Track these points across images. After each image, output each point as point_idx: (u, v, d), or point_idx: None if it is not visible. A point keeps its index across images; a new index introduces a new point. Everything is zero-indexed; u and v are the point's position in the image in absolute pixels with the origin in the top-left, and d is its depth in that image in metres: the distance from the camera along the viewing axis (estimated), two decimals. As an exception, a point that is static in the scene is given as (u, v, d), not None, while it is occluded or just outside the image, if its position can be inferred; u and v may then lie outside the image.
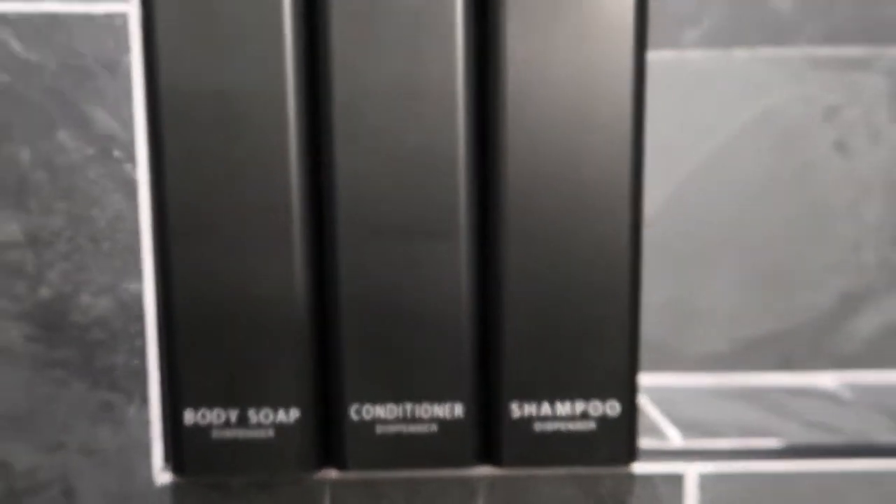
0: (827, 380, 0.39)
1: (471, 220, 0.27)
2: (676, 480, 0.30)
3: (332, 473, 0.30)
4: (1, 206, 0.28)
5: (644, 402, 0.36)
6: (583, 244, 0.27)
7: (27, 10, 0.27)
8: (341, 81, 0.26)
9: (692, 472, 0.30)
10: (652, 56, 0.37)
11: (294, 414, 0.28)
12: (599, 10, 0.26)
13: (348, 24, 0.26)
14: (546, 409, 0.28)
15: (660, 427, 0.33)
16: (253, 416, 0.28)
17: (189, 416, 0.28)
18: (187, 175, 0.27)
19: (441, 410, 0.28)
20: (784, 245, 0.39)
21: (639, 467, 0.30)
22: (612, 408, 0.28)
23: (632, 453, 0.29)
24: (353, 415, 0.28)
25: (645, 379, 0.39)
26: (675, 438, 0.32)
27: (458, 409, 0.28)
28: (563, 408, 0.28)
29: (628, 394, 0.28)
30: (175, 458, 0.28)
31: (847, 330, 0.40)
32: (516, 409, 0.28)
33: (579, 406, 0.28)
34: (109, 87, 0.27)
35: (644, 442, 0.31)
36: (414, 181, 0.27)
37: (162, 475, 0.29)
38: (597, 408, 0.28)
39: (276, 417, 0.28)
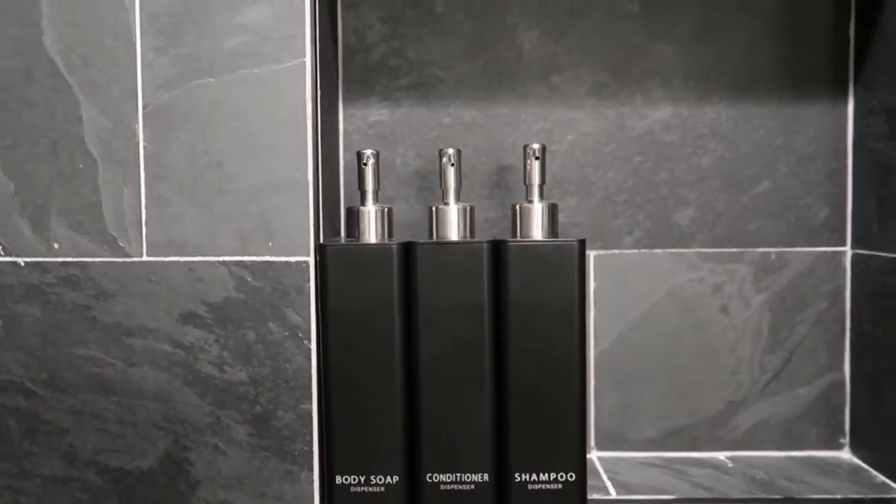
0: (720, 456, 0.62)
1: (491, 376, 0.50)
2: (610, 518, 0.53)
3: (413, 512, 0.52)
4: (234, 363, 0.51)
5: (598, 470, 0.59)
6: (552, 384, 0.50)
7: (256, 259, 0.51)
8: (424, 302, 0.50)
9: (619, 513, 0.53)
10: (604, 253, 0.61)
11: (396, 478, 0.51)
12: (556, 265, 0.50)
13: (427, 271, 0.50)
14: (534, 476, 0.51)
15: (606, 486, 0.55)
16: (373, 479, 0.51)
17: (338, 479, 0.51)
18: (339, 348, 0.51)
19: (476, 477, 0.51)
20: (690, 370, 0.62)
21: (588, 511, 0.52)
22: (571, 476, 0.51)
23: (583, 502, 0.51)
24: (427, 479, 0.51)
25: (602, 455, 0.62)
26: (612, 493, 0.54)
27: (486, 476, 0.51)
28: (543, 476, 0.51)
29: (580, 468, 0.51)
30: (329, 499, 0.51)
31: (731, 424, 0.62)
32: (518, 476, 0.51)
33: (552, 475, 0.51)
34: (297, 300, 0.51)
35: (592, 494, 0.53)
36: (461, 356, 0.50)
37: (319, 512, 0.52)
38: (562, 476, 0.50)
39: (385, 480, 0.51)
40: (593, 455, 0.62)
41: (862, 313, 0.59)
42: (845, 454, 0.62)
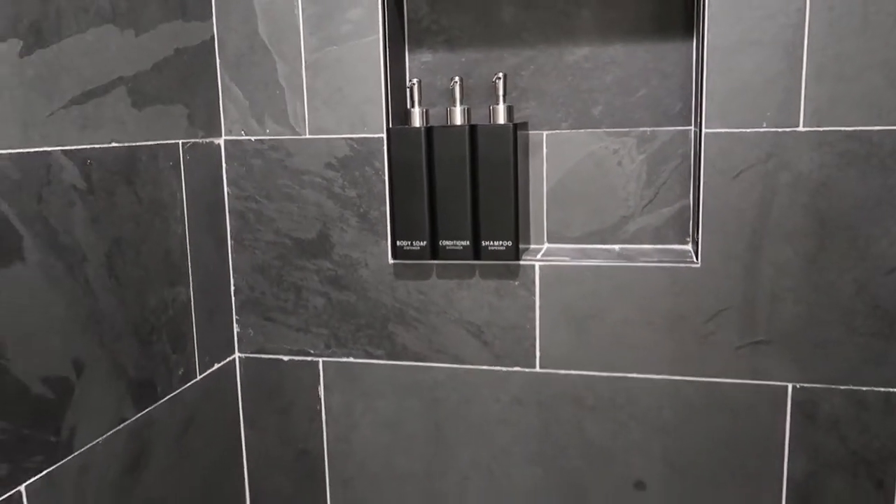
0: (615, 247, 1.09)
1: (471, 195, 1.02)
2: (532, 268, 1.03)
3: (435, 262, 1.06)
4: (349, 187, 1.06)
5: (542, 249, 1.09)
6: (499, 198, 1.00)
7: (359, 136, 1.04)
8: (438, 155, 1.01)
9: (538, 264, 1.03)
10: (550, 132, 1.09)
11: (425, 242, 1.04)
12: (502, 138, 0.99)
13: (440, 141, 1.01)
14: (491, 242, 1.02)
15: (539, 254, 1.06)
16: (414, 243, 1.04)
17: (398, 243, 1.05)
18: (398, 178, 1.03)
19: (462, 242, 1.03)
20: (600, 198, 1.09)
21: (521, 263, 1.03)
22: (510, 243, 1.01)
23: (517, 256, 1.02)
24: (441, 243, 1.03)
25: (549, 245, 1.11)
26: (539, 255, 1.04)
27: (468, 242, 1.03)
28: (496, 243, 1.02)
29: (515, 238, 1.01)
30: (394, 254, 1.06)
31: (623, 229, 1.09)
32: (484, 242, 1.02)
33: (500, 242, 1.01)
34: (378, 155, 1.04)
35: (526, 257, 1.04)
36: (456, 183, 1.02)
37: (391, 260, 1.07)
38: (503, 242, 1.01)
39: (419, 244, 1.04)
40: (544, 245, 1.12)
41: (699, 165, 1.03)
42: (688, 246, 1.07)
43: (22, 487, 0.76)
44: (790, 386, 0.98)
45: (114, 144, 0.88)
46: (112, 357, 0.88)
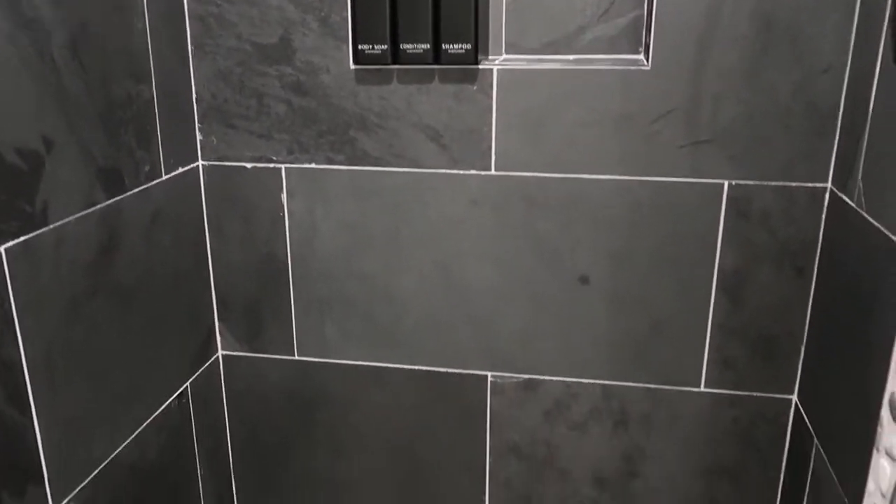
0: (570, 56, 1.13)
1: (432, 29, 1.03)
2: (490, 72, 1.06)
3: (396, 67, 1.08)
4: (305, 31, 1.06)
5: (504, 59, 1.12)
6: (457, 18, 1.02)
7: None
8: (397, -45, 1.02)
9: (496, 68, 1.06)
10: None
11: (385, 46, 1.06)
12: None
13: None
14: (451, 46, 1.04)
15: (499, 60, 1.09)
16: (375, 47, 1.06)
17: (360, 47, 1.07)
18: (367, 23, 1.04)
19: (422, 46, 1.05)
20: (555, 11, 1.11)
21: (480, 67, 1.06)
22: (469, 46, 1.04)
23: (476, 60, 1.05)
24: (402, 47, 1.06)
25: (507, 56, 1.14)
26: (495, 64, 1.07)
27: (427, 45, 1.05)
28: (455, 46, 1.04)
29: (474, 42, 1.04)
30: (355, 59, 1.08)
31: (580, 38, 1.12)
32: (444, 45, 1.05)
33: (459, 45, 1.04)
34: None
35: (485, 63, 1.07)
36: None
37: (353, 65, 1.09)
38: (463, 45, 1.04)
39: (380, 47, 1.06)
40: (502, 56, 1.15)
41: (650, -27, 1.06)
42: (640, 55, 1.11)
43: (1, 249, 0.79)
44: (726, 183, 1.05)
45: (70, -77, 0.87)
46: (79, 140, 0.90)
